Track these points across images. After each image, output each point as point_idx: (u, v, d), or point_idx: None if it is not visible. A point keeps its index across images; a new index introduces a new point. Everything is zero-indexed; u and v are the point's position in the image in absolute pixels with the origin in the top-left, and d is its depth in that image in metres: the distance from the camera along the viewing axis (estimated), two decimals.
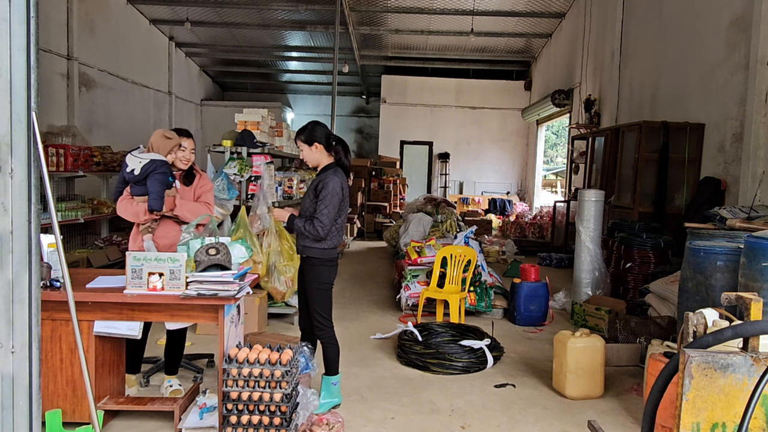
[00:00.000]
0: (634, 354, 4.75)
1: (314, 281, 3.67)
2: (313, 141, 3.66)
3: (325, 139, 3.68)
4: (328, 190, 3.56)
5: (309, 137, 3.67)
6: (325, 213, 3.54)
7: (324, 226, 3.54)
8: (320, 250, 3.63)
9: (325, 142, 3.68)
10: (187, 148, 3.85)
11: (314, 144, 3.67)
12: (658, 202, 6.83)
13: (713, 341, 1.97)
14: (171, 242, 3.76)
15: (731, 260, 3.86)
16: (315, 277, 3.67)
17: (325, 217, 3.54)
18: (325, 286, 3.70)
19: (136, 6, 12.76)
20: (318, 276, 3.67)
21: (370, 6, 12.78)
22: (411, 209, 9.57)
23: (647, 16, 8.35)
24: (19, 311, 1.93)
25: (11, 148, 1.89)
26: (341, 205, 3.65)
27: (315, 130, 3.69)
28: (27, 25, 1.90)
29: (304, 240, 3.65)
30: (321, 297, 3.69)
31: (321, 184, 3.61)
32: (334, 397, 3.75)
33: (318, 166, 3.76)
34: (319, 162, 3.73)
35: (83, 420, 3.26)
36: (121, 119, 12.02)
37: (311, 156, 3.70)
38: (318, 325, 3.69)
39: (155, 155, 3.74)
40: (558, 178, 21.35)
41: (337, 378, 3.77)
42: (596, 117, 10.20)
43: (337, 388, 3.77)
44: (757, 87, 5.44)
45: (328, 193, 3.56)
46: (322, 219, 3.54)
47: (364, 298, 7.13)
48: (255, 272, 5.03)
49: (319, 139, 3.66)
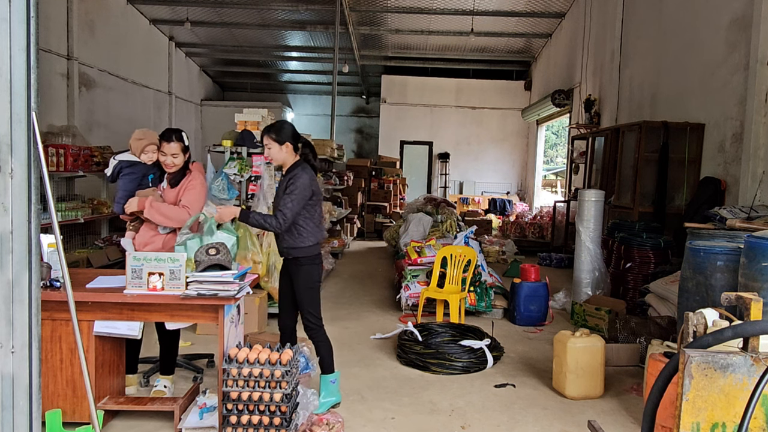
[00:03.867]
0: (634, 354, 4.75)
1: (304, 282, 3.65)
2: (284, 140, 3.60)
3: (293, 139, 3.64)
4: (297, 185, 3.52)
5: (280, 136, 3.59)
6: (290, 207, 3.49)
7: (287, 219, 3.49)
8: (305, 248, 3.61)
9: (293, 142, 3.65)
10: (167, 153, 3.69)
11: (285, 143, 3.61)
12: (658, 202, 6.83)
13: (713, 341, 1.97)
14: (145, 242, 3.73)
15: (731, 260, 3.86)
16: (304, 278, 3.65)
17: (288, 210, 3.49)
18: (314, 285, 3.69)
19: (136, 6, 12.76)
20: (307, 276, 3.65)
21: (370, 6, 12.78)
22: (411, 209, 9.56)
23: (647, 16, 8.35)
24: (19, 311, 1.93)
25: (11, 148, 1.89)
26: (313, 200, 3.62)
27: (285, 129, 3.63)
28: (27, 25, 1.90)
29: (285, 242, 3.62)
30: (311, 297, 3.68)
31: (291, 179, 3.57)
32: (333, 395, 3.75)
33: (283, 166, 3.70)
34: (285, 161, 3.67)
35: (83, 420, 3.26)
36: (121, 119, 12.02)
37: (279, 155, 3.63)
38: (310, 325, 3.68)
39: (126, 156, 3.80)
40: (558, 178, 21.35)
41: (335, 376, 3.76)
42: (596, 117, 10.20)
43: (335, 386, 3.76)
44: (757, 87, 5.44)
45: (297, 188, 3.52)
46: (286, 212, 3.48)
47: (364, 298, 7.13)
48: (255, 272, 5.03)
49: (289, 139, 3.62)
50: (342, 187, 10.84)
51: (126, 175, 3.80)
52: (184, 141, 3.75)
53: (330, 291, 7.42)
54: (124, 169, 3.79)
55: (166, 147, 3.68)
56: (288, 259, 3.69)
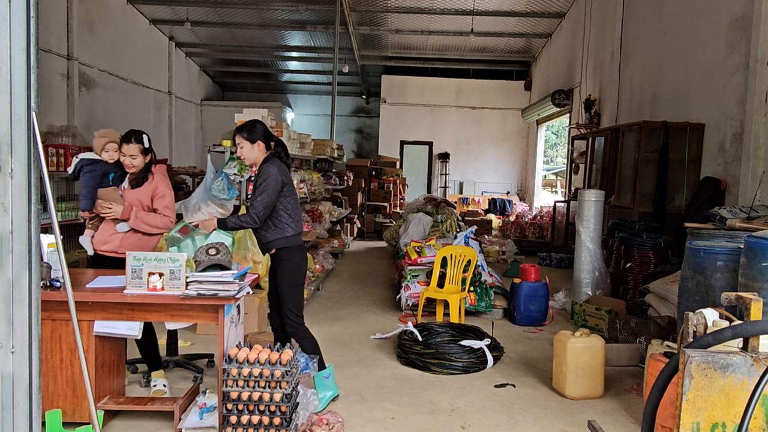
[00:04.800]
0: (634, 354, 4.75)
1: (285, 277, 3.66)
2: (255, 139, 3.66)
3: (265, 138, 3.69)
4: (264, 177, 3.57)
5: (252, 135, 3.66)
6: (260, 200, 3.52)
7: (259, 213, 3.52)
8: (285, 239, 3.63)
9: (265, 141, 3.69)
10: (126, 154, 3.80)
11: (257, 141, 3.66)
12: (658, 202, 6.83)
13: (713, 341, 1.97)
14: (104, 240, 3.82)
15: (731, 260, 3.86)
16: (286, 274, 3.66)
17: (259, 204, 3.52)
18: (297, 281, 3.70)
19: (136, 6, 12.76)
20: (289, 271, 3.66)
21: (370, 6, 12.78)
22: (411, 209, 9.56)
23: (647, 16, 8.35)
24: (19, 311, 1.93)
25: (11, 148, 1.89)
26: (285, 191, 3.63)
27: (257, 128, 3.69)
28: (27, 25, 1.90)
29: (263, 236, 3.64)
30: (292, 294, 3.68)
31: (260, 174, 3.62)
32: (329, 389, 3.75)
33: (256, 164, 3.74)
34: (257, 160, 3.71)
35: (83, 420, 3.26)
36: (121, 119, 12.01)
37: (251, 153, 3.68)
38: (289, 323, 3.69)
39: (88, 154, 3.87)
40: (558, 178, 21.35)
41: (329, 371, 3.77)
42: (596, 117, 10.20)
43: (330, 380, 3.76)
44: (757, 87, 5.44)
45: (264, 180, 3.55)
46: (257, 206, 3.52)
47: (364, 298, 7.13)
48: (255, 272, 5.02)
49: (261, 137, 3.67)
50: (342, 187, 10.84)
51: (86, 173, 3.86)
52: (143, 143, 3.85)
53: (330, 291, 7.42)
54: (84, 167, 3.85)
55: (124, 147, 3.81)
56: (271, 255, 3.71)
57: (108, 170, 3.90)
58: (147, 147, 3.87)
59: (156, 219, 3.83)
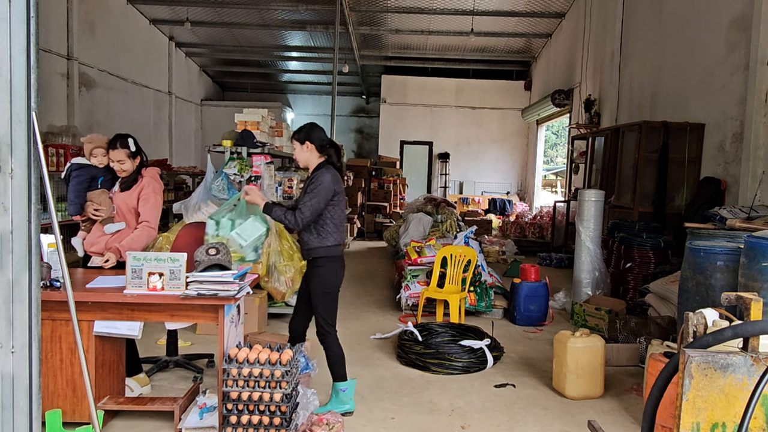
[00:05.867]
0: (634, 354, 4.75)
1: (320, 284, 3.61)
2: (305, 140, 3.66)
3: (317, 141, 3.67)
4: (316, 183, 3.54)
5: (302, 136, 3.67)
6: (308, 205, 3.51)
7: (305, 217, 3.50)
8: (324, 248, 3.60)
9: (317, 144, 3.67)
10: (113, 159, 3.78)
11: (305, 143, 3.66)
12: (658, 202, 6.83)
13: (713, 341, 1.97)
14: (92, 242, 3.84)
15: (731, 260, 3.86)
16: (322, 280, 3.62)
17: (307, 209, 3.50)
18: (332, 289, 3.66)
19: (136, 6, 12.76)
20: (325, 278, 3.62)
21: (370, 6, 12.78)
22: (411, 209, 9.56)
23: (647, 16, 8.35)
24: (19, 311, 1.93)
25: (11, 148, 1.89)
26: (335, 200, 3.61)
27: (311, 131, 3.69)
28: (27, 25, 1.90)
29: (306, 243, 3.63)
30: (326, 301, 3.64)
31: (312, 179, 3.60)
32: (343, 404, 3.66)
33: (309, 167, 3.74)
34: (308, 162, 3.70)
35: (83, 420, 3.26)
36: (121, 119, 12.02)
37: (302, 155, 3.69)
38: (321, 330, 3.64)
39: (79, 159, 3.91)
40: (558, 178, 21.35)
41: (347, 384, 3.69)
42: (596, 117, 10.20)
43: (346, 394, 3.68)
44: (757, 87, 5.44)
45: (317, 186, 3.53)
46: (304, 210, 3.50)
47: (364, 298, 7.13)
48: (255, 272, 5.02)
49: (311, 140, 3.66)
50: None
51: (74, 178, 3.89)
52: (129, 147, 3.81)
53: None
54: (73, 172, 3.89)
55: (111, 153, 3.79)
56: (309, 261, 3.69)
57: (96, 174, 3.92)
58: (134, 150, 3.83)
59: (139, 239, 3.73)
